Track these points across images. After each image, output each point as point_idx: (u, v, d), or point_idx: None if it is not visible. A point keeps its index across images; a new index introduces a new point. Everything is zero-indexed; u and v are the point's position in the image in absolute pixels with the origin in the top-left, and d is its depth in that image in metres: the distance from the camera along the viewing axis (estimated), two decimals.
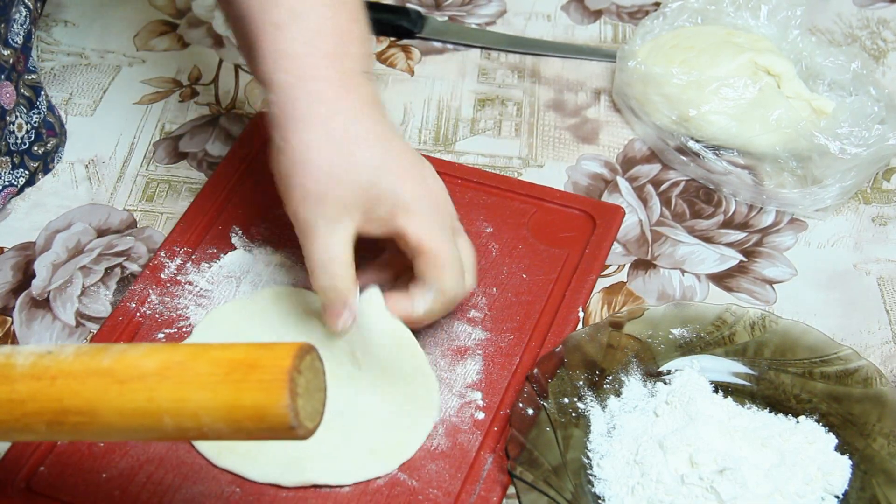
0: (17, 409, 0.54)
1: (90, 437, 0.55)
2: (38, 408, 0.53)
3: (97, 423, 0.53)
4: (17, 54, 0.80)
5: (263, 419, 0.51)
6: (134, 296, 0.75)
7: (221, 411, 0.51)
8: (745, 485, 0.63)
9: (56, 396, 0.53)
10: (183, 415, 0.52)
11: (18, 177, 0.84)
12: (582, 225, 0.81)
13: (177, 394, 0.52)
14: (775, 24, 0.93)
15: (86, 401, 0.53)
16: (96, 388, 0.53)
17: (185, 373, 0.53)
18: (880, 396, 0.68)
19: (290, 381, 0.50)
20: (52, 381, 0.54)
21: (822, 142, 0.82)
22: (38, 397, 0.54)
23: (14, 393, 0.54)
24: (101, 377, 0.53)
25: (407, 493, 0.66)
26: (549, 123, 0.92)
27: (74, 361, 0.54)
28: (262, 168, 0.84)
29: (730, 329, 0.72)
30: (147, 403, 0.52)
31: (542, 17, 1.03)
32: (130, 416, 0.53)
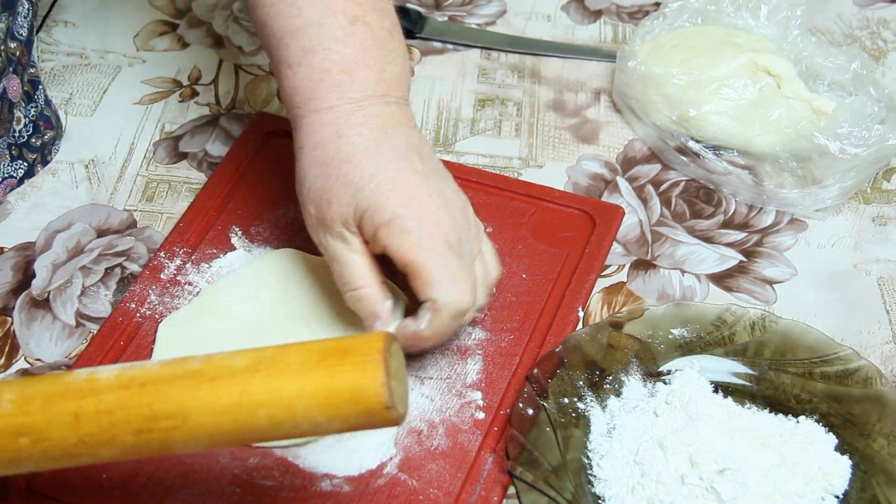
0: (104, 419, 0.53)
1: (178, 447, 0.54)
2: (126, 416, 0.53)
3: (188, 425, 0.52)
4: (21, 47, 0.81)
5: (360, 400, 0.51)
6: (134, 296, 0.75)
7: (318, 397, 0.52)
8: (746, 485, 0.63)
9: (145, 402, 0.53)
10: (278, 406, 0.52)
11: (17, 168, 0.84)
12: (582, 225, 0.81)
13: (271, 384, 0.52)
14: (775, 25, 0.93)
15: (177, 403, 0.52)
16: (187, 388, 0.53)
17: (276, 365, 0.53)
18: (880, 396, 0.68)
19: (384, 360, 0.51)
20: (141, 387, 0.53)
21: (822, 142, 0.82)
22: (127, 404, 0.53)
23: (101, 403, 0.53)
24: (190, 378, 0.53)
25: (407, 493, 0.66)
26: (549, 123, 0.92)
27: (161, 369, 0.54)
28: (262, 168, 0.85)
29: (730, 329, 0.72)
30: (240, 397, 0.52)
31: (542, 18, 1.03)
32: (223, 413, 0.52)
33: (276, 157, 0.85)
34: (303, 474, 0.67)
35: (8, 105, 0.80)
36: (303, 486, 0.66)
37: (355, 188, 0.66)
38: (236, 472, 0.67)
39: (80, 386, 0.54)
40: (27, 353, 0.74)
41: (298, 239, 0.79)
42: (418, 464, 0.67)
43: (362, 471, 0.67)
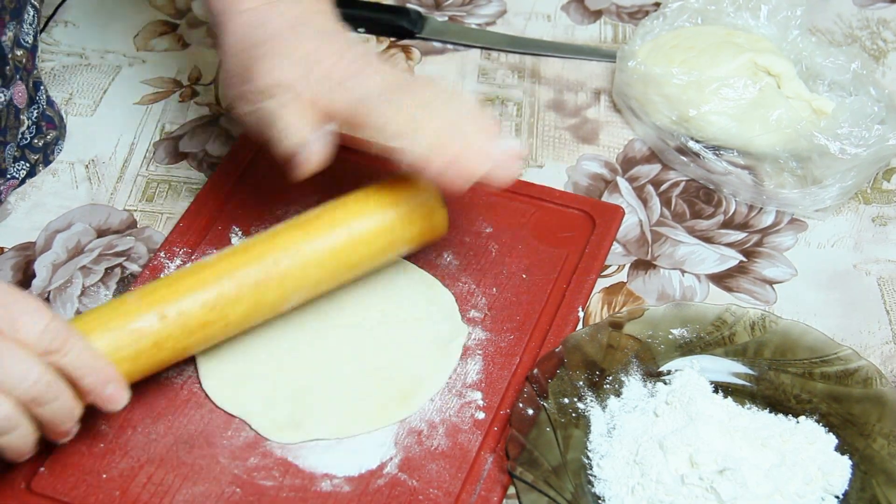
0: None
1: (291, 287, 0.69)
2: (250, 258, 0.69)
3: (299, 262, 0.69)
4: (27, 54, 0.81)
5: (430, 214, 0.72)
6: None
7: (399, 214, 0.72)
8: (746, 485, 0.63)
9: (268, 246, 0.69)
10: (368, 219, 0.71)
11: (19, 170, 0.84)
12: (582, 225, 0.81)
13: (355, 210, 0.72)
14: (775, 25, 0.93)
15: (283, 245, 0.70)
16: (289, 236, 0.71)
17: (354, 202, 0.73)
18: (880, 397, 0.68)
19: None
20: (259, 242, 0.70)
21: (822, 142, 0.82)
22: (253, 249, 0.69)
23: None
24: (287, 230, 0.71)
25: (407, 493, 0.66)
26: (549, 124, 0.92)
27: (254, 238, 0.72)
28: (263, 168, 0.85)
29: (730, 329, 0.72)
30: (334, 225, 0.71)
31: (542, 18, 1.03)
32: (327, 244, 0.70)
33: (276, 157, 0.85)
34: (303, 474, 0.67)
35: (14, 111, 0.80)
36: (303, 486, 0.66)
37: (289, 59, 0.69)
38: (236, 472, 0.67)
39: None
40: None
41: None
42: (418, 464, 0.67)
43: (362, 471, 0.67)
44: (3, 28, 0.76)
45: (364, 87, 0.69)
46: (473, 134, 0.68)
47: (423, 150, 0.67)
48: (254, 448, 0.68)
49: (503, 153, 0.69)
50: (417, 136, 0.67)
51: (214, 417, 0.70)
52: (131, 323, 0.64)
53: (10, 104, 0.79)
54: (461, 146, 0.68)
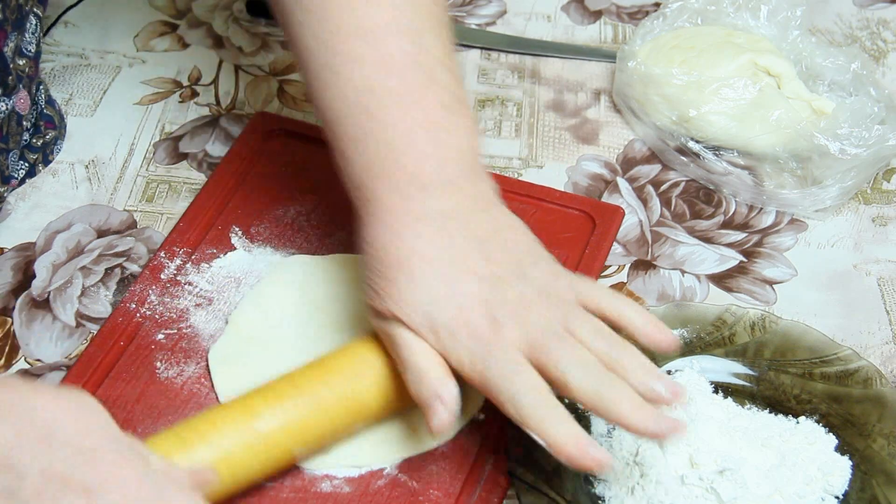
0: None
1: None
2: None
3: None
4: (30, 62, 0.81)
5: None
6: (133, 296, 0.75)
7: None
8: (745, 485, 0.63)
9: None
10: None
11: (19, 169, 0.84)
12: (581, 225, 0.81)
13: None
14: (775, 25, 0.93)
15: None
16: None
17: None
18: (880, 397, 0.68)
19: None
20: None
21: (822, 142, 0.82)
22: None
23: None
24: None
25: (407, 495, 0.66)
26: (549, 124, 0.92)
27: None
28: (263, 168, 0.85)
29: (730, 329, 0.72)
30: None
31: (542, 18, 1.03)
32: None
33: (276, 157, 0.85)
34: (303, 475, 0.67)
35: (17, 118, 0.80)
36: (303, 486, 0.66)
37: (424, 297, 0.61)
38: None
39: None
40: (27, 354, 0.74)
41: (299, 239, 0.80)
42: (418, 465, 0.67)
43: (362, 472, 0.67)
44: (4, 39, 0.76)
45: (504, 368, 0.60)
46: (634, 378, 0.60)
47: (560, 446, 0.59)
48: None
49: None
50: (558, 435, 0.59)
51: None
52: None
53: (13, 112, 0.79)
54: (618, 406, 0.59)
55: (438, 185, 0.63)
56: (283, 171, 0.84)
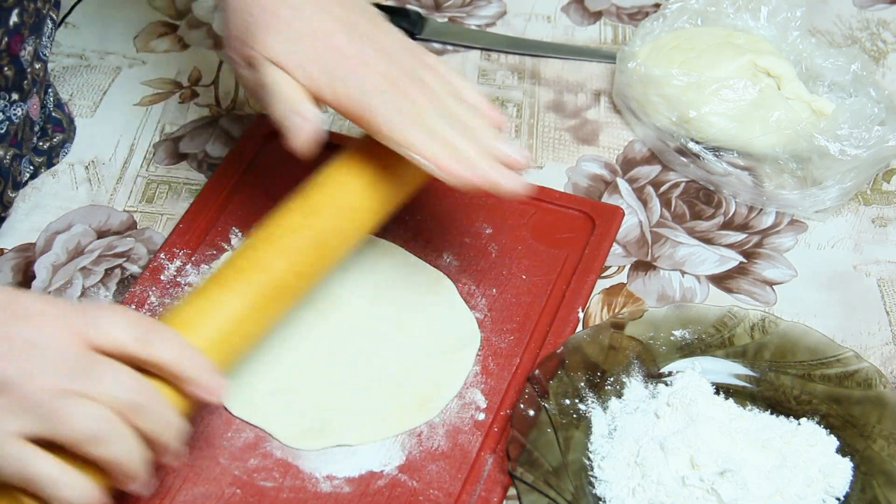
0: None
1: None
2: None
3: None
4: (45, 67, 0.81)
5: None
6: (133, 297, 0.75)
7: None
8: (746, 486, 0.63)
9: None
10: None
11: (23, 172, 0.84)
12: (581, 226, 0.81)
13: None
14: (775, 26, 0.93)
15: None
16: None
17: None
18: (880, 398, 0.68)
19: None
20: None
21: (822, 143, 0.82)
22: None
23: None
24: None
25: (408, 494, 0.66)
26: (548, 125, 0.92)
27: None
28: (263, 169, 0.85)
29: (730, 331, 0.72)
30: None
31: (542, 19, 1.03)
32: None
33: (276, 159, 0.85)
34: (303, 475, 0.67)
35: (30, 123, 0.80)
36: (303, 487, 0.66)
37: (295, 34, 0.68)
38: (236, 472, 0.67)
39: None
40: None
41: None
42: (418, 465, 0.67)
43: (363, 472, 0.67)
44: (22, 42, 0.75)
45: (365, 84, 0.67)
46: (482, 137, 0.68)
47: (431, 158, 0.66)
48: (254, 449, 0.68)
49: (508, 161, 0.68)
50: (426, 147, 0.66)
51: (214, 418, 0.69)
52: (213, 308, 0.64)
53: (27, 117, 0.79)
54: (471, 151, 0.67)
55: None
56: (283, 172, 0.84)
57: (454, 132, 0.68)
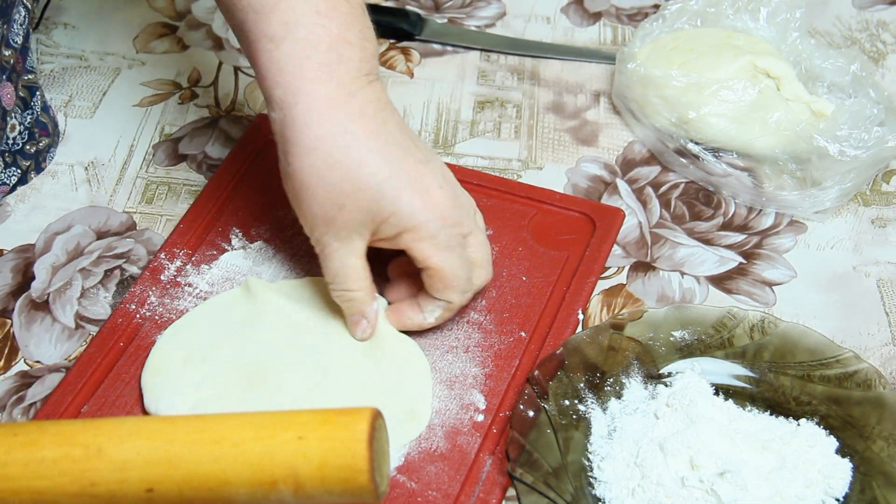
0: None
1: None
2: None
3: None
4: (16, 55, 0.80)
5: (347, 482, 0.54)
6: (134, 297, 0.75)
7: (305, 474, 0.54)
8: (746, 487, 0.63)
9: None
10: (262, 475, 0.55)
11: (10, 175, 0.84)
12: (582, 227, 0.81)
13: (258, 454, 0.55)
14: (775, 27, 0.93)
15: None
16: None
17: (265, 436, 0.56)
18: (880, 399, 0.68)
19: (370, 445, 0.54)
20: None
21: (822, 144, 0.82)
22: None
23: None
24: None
25: (406, 495, 0.66)
26: (548, 125, 0.92)
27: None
28: (262, 170, 0.85)
29: (729, 332, 0.72)
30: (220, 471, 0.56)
31: (542, 20, 1.03)
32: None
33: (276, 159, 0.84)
34: None
35: (1, 113, 0.80)
36: None
37: (374, 193, 0.66)
38: None
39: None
40: (27, 355, 0.74)
41: (297, 241, 0.79)
42: (417, 466, 0.67)
43: None
44: None
45: (425, 227, 0.68)
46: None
47: (447, 313, 0.72)
48: None
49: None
50: (462, 296, 0.71)
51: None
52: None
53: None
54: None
55: (363, 76, 0.68)
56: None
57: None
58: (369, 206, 0.66)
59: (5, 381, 0.72)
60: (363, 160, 0.66)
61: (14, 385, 0.72)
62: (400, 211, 0.67)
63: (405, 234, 0.67)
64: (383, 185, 0.66)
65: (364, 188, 0.66)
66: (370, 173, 0.66)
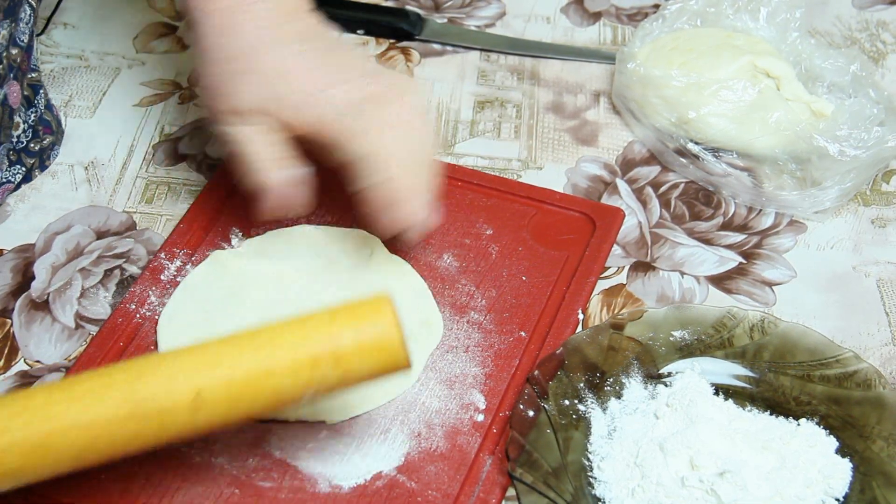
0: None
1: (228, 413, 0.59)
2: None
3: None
4: (22, 53, 0.81)
5: (382, 352, 0.59)
6: (134, 297, 0.75)
7: (345, 353, 0.58)
8: (746, 488, 0.63)
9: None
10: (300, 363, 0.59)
11: (15, 174, 0.84)
12: (581, 227, 0.81)
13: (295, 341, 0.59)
14: (774, 27, 0.93)
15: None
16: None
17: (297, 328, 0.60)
18: (880, 399, 0.68)
19: (396, 314, 0.59)
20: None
21: (822, 144, 0.82)
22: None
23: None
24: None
25: (406, 495, 0.66)
26: (548, 125, 0.92)
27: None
28: None
29: (729, 332, 0.72)
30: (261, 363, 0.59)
31: (542, 19, 1.03)
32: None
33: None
34: (301, 475, 0.67)
35: (8, 112, 0.80)
36: (302, 487, 0.66)
37: (260, 77, 0.68)
38: (235, 473, 0.67)
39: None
40: (26, 355, 0.74)
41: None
42: (417, 465, 0.67)
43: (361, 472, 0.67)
44: None
45: (332, 102, 0.68)
46: (424, 178, 0.70)
47: (377, 184, 0.68)
48: (253, 449, 0.68)
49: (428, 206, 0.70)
50: (377, 170, 0.68)
51: None
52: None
53: (4, 104, 0.79)
54: (410, 191, 0.69)
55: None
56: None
57: (407, 174, 0.69)
58: (256, 89, 0.68)
59: (5, 381, 0.72)
60: (249, 49, 0.69)
61: (14, 385, 0.72)
62: (280, 92, 0.68)
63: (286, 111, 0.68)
64: (268, 68, 0.68)
65: (249, 72, 0.68)
66: (254, 60, 0.69)
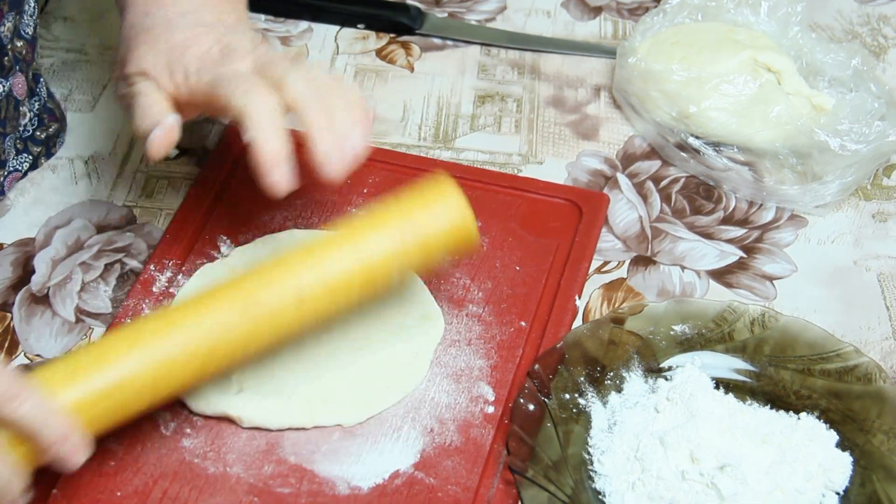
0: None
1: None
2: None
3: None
4: (27, 45, 0.81)
5: (460, 231, 0.68)
6: (127, 311, 0.74)
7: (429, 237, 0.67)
8: (746, 481, 0.63)
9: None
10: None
11: (23, 162, 0.84)
12: (569, 214, 0.81)
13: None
14: (776, 21, 0.93)
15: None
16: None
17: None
18: (880, 393, 0.68)
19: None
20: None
21: (823, 138, 0.82)
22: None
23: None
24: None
25: (426, 492, 0.66)
26: (548, 120, 0.92)
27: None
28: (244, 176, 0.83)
29: (730, 326, 0.72)
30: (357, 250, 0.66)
31: (542, 14, 1.03)
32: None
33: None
34: (319, 479, 0.66)
35: (14, 103, 0.80)
36: (320, 491, 0.66)
37: (167, 46, 0.70)
38: (252, 481, 0.66)
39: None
40: (27, 349, 0.74)
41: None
42: (433, 461, 0.67)
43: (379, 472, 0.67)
44: (1, 18, 0.76)
45: (221, 71, 0.68)
46: (343, 116, 0.67)
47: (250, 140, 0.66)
48: (268, 456, 0.67)
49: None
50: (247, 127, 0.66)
51: (223, 428, 0.69)
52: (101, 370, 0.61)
53: (10, 95, 0.79)
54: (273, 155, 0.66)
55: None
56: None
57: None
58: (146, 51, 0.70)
59: None
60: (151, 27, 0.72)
61: None
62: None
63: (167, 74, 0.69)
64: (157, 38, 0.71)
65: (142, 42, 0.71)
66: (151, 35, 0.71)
